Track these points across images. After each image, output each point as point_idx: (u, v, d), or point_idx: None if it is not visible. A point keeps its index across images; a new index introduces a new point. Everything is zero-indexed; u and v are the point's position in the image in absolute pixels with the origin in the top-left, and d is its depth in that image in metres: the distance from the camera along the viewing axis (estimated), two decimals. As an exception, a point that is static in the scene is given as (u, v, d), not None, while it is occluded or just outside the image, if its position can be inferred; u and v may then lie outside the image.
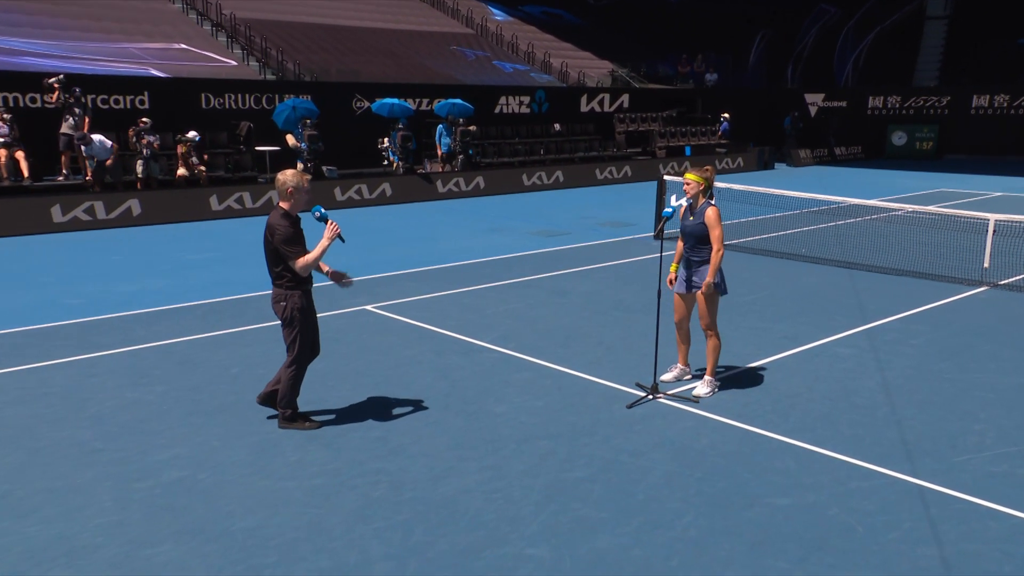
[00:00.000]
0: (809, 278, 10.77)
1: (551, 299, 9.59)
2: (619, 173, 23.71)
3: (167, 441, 5.52)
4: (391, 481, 4.99)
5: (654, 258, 12.16)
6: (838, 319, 8.72)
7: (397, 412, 6.09)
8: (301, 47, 24.34)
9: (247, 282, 10.32)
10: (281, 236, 5.42)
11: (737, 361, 7.30)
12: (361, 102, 21.66)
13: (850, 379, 6.82)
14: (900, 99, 31.96)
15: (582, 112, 27.21)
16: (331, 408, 6.14)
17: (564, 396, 6.46)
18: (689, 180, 6.34)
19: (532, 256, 12.29)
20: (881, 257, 11.77)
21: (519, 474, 5.10)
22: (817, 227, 14.62)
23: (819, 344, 7.83)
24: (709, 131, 28.46)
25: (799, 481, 4.98)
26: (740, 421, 5.95)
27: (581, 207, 18.07)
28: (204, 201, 15.83)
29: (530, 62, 30.33)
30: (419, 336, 8.03)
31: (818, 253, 12.19)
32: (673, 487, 4.95)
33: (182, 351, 7.49)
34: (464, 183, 19.83)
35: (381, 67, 24.72)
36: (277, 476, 5.03)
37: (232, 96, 19.57)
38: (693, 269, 6.41)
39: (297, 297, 5.55)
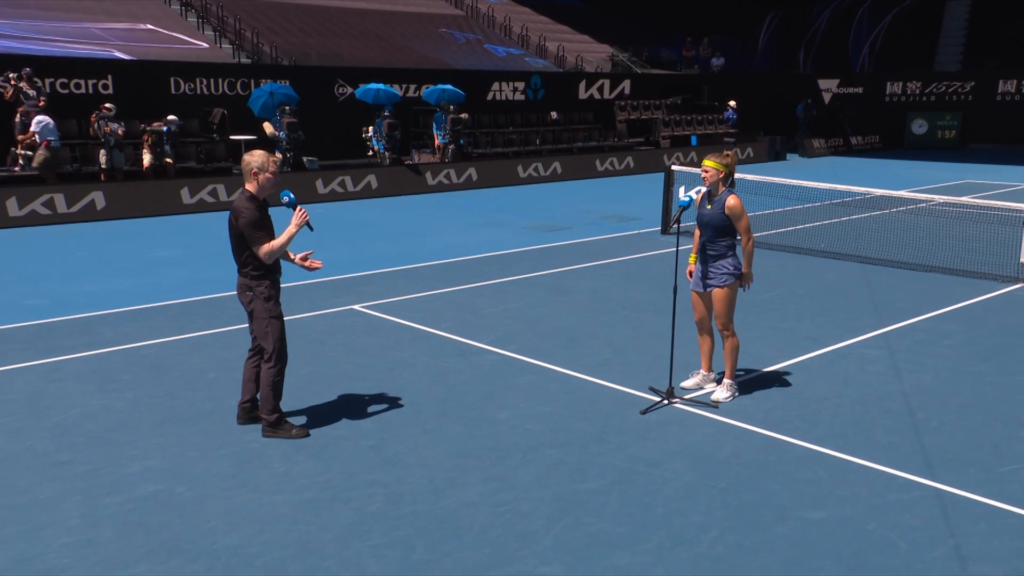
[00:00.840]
0: (829, 274, 10.72)
1: (553, 298, 9.51)
2: (620, 164, 23.67)
3: (140, 452, 5.40)
4: (387, 494, 4.88)
5: (662, 254, 12.09)
6: (864, 318, 8.67)
7: (391, 419, 5.99)
8: (278, 28, 24.20)
9: (222, 280, 10.18)
10: (246, 219, 5.38)
11: (756, 364, 7.24)
12: (344, 88, 21.54)
13: (881, 382, 6.76)
14: (920, 85, 32.03)
15: (580, 99, 27.18)
16: (319, 415, 6.03)
17: (572, 401, 6.38)
18: (708, 167, 6.26)
19: (530, 252, 12.21)
20: (907, 252, 11.74)
21: (527, 485, 5.01)
22: (835, 220, 14.59)
23: (845, 345, 7.77)
24: (716, 119, 28.46)
25: (832, 493, 4.91)
26: (764, 428, 5.87)
27: (581, 200, 18.01)
28: (174, 194, 15.68)
29: (524, 46, 30.28)
30: (412, 337, 7.93)
31: (838, 248, 12.15)
32: (695, 499, 4.86)
33: (153, 354, 7.37)
34: (455, 175, 19.73)
35: (365, 50, 24.62)
36: (262, 489, 4.91)
37: (204, 81, 19.43)
38: (709, 265, 6.33)
39: (264, 287, 5.50)
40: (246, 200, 5.45)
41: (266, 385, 5.57)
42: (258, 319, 5.53)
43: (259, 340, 5.60)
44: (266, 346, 5.55)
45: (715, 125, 28.32)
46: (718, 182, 6.27)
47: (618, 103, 27.03)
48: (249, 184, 5.50)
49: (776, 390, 6.62)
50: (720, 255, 6.27)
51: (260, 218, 5.42)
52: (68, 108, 17.06)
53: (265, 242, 5.40)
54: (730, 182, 6.31)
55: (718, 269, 6.26)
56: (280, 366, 5.60)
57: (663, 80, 30.34)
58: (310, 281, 10.07)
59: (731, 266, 6.25)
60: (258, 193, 5.50)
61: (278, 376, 5.60)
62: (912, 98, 32.23)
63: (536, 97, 26.06)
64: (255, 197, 5.49)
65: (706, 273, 6.35)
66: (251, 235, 5.38)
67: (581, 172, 22.41)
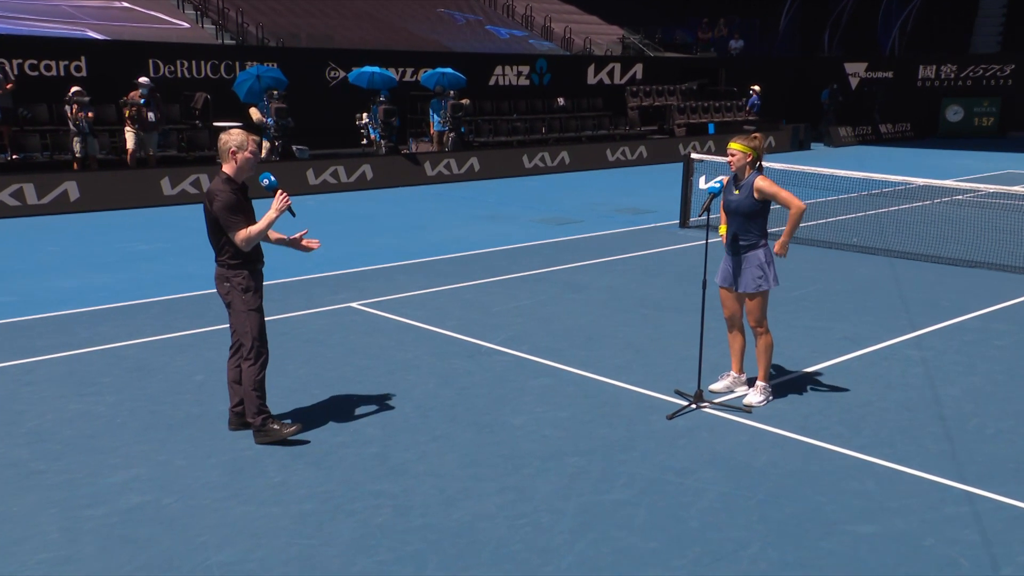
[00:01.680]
0: (864, 270, 10.64)
1: (566, 295, 9.42)
2: (633, 154, 23.58)
3: (123, 460, 5.31)
4: (395, 505, 4.79)
5: (681, 248, 12.00)
6: (905, 317, 8.57)
7: (396, 424, 5.89)
8: (265, 8, 24.13)
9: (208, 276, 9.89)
10: (222, 203, 5.30)
11: (791, 365, 7.15)
12: (336, 71, 21.46)
13: (929, 386, 6.66)
14: (956, 68, 31.91)
15: (589, 84, 27.10)
16: (317, 420, 5.93)
17: (592, 405, 6.29)
18: (734, 150, 6.15)
19: (540, 247, 12.12)
20: (949, 246, 11.65)
21: (547, 496, 4.92)
22: (869, 213, 14.50)
23: (886, 346, 7.68)
24: (735, 106, 28.38)
25: (883, 505, 4.81)
26: (803, 435, 5.78)
27: (591, 192, 17.93)
28: (154, 184, 15.59)
29: (528, 27, 30.20)
30: (416, 337, 7.84)
31: (873, 242, 12.06)
32: (732, 512, 4.76)
33: (135, 355, 7.28)
34: (456, 165, 19.65)
35: (358, 32, 24.55)
36: (258, 500, 4.81)
37: (185, 63, 19.34)
38: (741, 257, 6.22)
39: (242, 277, 5.43)
40: (222, 182, 5.38)
41: (248, 385, 5.48)
42: (236, 312, 5.46)
43: (237, 335, 5.51)
44: (244, 342, 5.47)
45: (734, 112, 28.24)
46: (745, 166, 6.17)
47: (629, 89, 26.95)
48: (226, 165, 5.43)
49: (814, 394, 6.53)
50: (751, 245, 6.16)
51: (237, 201, 5.34)
52: (38, 92, 16.98)
53: (242, 227, 5.32)
54: (758, 166, 6.20)
55: (750, 266, 6.15)
56: (261, 363, 5.50)
57: (678, 64, 30.25)
58: (304, 277, 9.98)
59: (764, 261, 6.15)
60: (236, 175, 5.42)
61: (260, 373, 5.51)
62: (947, 83, 32.12)
63: (542, 82, 25.98)
64: (232, 179, 5.42)
65: (737, 270, 6.25)
66: (227, 220, 5.30)
67: (590, 162, 22.32)
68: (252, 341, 5.47)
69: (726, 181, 6.35)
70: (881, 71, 32.76)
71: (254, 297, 5.49)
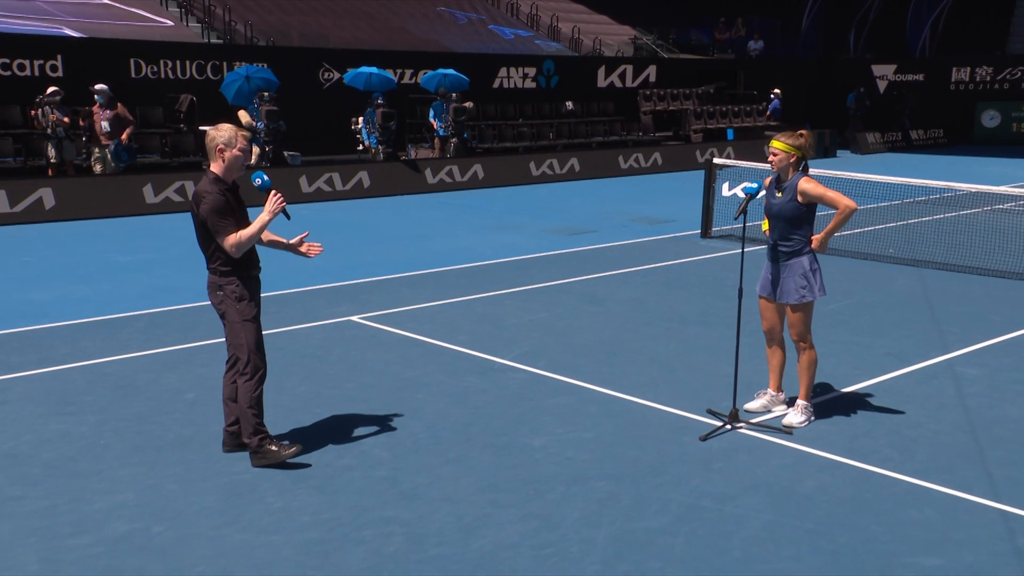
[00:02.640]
0: (903, 282, 10.53)
1: (584, 308, 9.31)
2: (647, 161, 23.54)
3: (108, 485, 5.18)
4: (408, 534, 4.65)
5: (705, 260, 11.90)
6: (953, 332, 8.46)
7: (406, 446, 5.77)
8: (253, 6, 24.16)
9: (196, 288, 9.93)
10: (210, 205, 5.18)
11: (831, 383, 7.04)
12: (330, 72, 21.46)
13: (986, 406, 6.54)
14: (992, 70, 31.93)
15: (599, 88, 27.11)
16: (319, 441, 5.81)
17: (618, 426, 6.17)
18: (777, 149, 6.04)
19: (553, 257, 12.03)
20: (996, 258, 11.54)
21: (575, 524, 4.79)
22: (907, 222, 14.40)
23: (934, 363, 7.56)
24: (755, 111, 28.39)
25: (947, 536, 4.67)
26: (851, 458, 5.65)
27: (604, 201, 17.87)
28: (135, 192, 15.52)
29: (534, 26, 30.26)
30: (423, 352, 7.72)
31: (911, 253, 11.96)
32: (780, 542, 4.63)
33: (119, 372, 7.17)
34: (459, 172, 19.59)
35: (353, 31, 24.58)
36: (257, 528, 4.68)
37: (169, 63, 19.33)
38: (781, 264, 6.11)
39: (236, 285, 5.32)
40: (210, 182, 5.27)
41: (244, 402, 5.35)
42: (230, 323, 5.34)
43: (232, 348, 5.39)
44: (239, 355, 5.35)
45: (754, 117, 28.24)
46: (788, 166, 6.05)
47: (642, 92, 26.96)
48: (214, 164, 5.32)
49: (860, 414, 6.40)
50: (794, 252, 6.05)
51: (226, 203, 5.23)
52: (10, 92, 16.95)
53: (232, 231, 5.20)
54: (803, 166, 6.10)
55: (793, 275, 6.03)
56: (258, 379, 5.38)
57: (693, 66, 30.28)
58: (300, 289, 9.88)
59: (809, 269, 6.03)
60: (224, 174, 5.31)
61: (256, 390, 5.39)
62: (982, 86, 32.14)
63: (549, 85, 25.98)
64: (221, 179, 5.30)
65: (778, 279, 6.13)
66: (215, 224, 5.19)
67: (602, 170, 22.27)
68: (248, 354, 5.36)
69: (768, 182, 6.25)
70: (911, 73, 32.78)
71: (249, 306, 5.38)
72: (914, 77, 32.67)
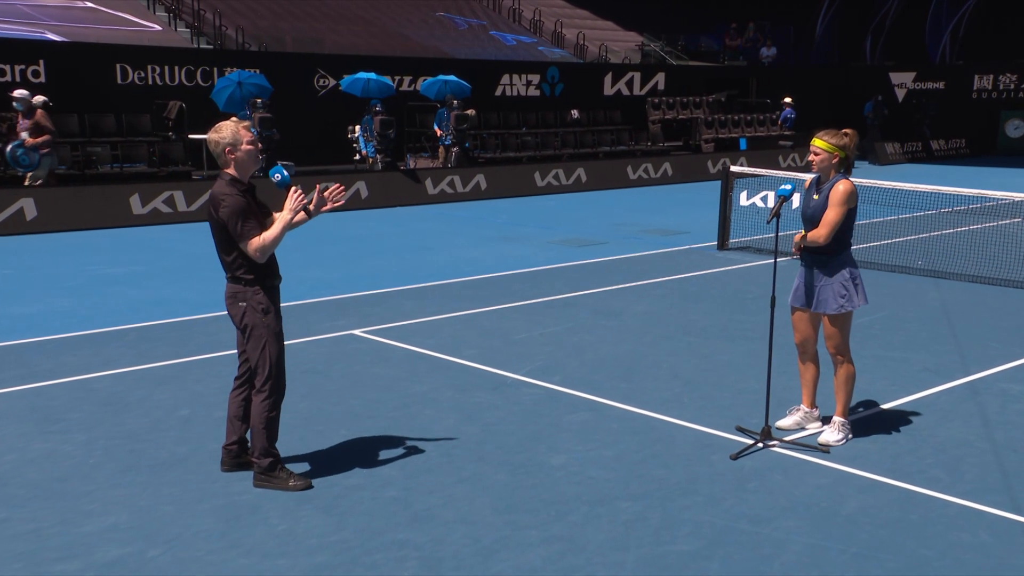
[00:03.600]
0: (935, 295, 10.43)
1: (598, 321, 9.20)
2: (656, 172, 23.50)
3: (99, 506, 5.04)
4: (423, 557, 4.52)
5: (723, 272, 11.79)
6: (993, 347, 8.34)
7: (416, 465, 5.64)
8: (245, 10, 24.19)
9: (188, 301, 9.88)
10: (229, 208, 5.05)
11: (869, 399, 6.91)
12: (326, 79, 21.43)
13: (1033, 422, 6.42)
14: (1016, 78, 31.94)
15: (606, 96, 27.11)
16: (324, 460, 5.68)
17: (641, 443, 6.04)
18: (819, 148, 5.92)
19: (562, 270, 11.92)
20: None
21: (600, 547, 4.65)
22: (936, 233, 14.31)
23: (976, 378, 7.44)
24: (768, 119, 28.38)
25: (1005, 562, 4.54)
26: (894, 478, 5.52)
27: (613, 212, 17.79)
28: (122, 202, 15.42)
29: (538, 33, 30.32)
30: (430, 367, 7.60)
31: (941, 266, 11.86)
32: (824, 566, 4.49)
33: (107, 388, 7.04)
34: (461, 183, 19.51)
35: (349, 36, 24.59)
36: (261, 552, 4.54)
37: (157, 69, 19.30)
38: (817, 272, 6.00)
39: (261, 296, 5.19)
40: (227, 184, 5.13)
41: (258, 421, 5.22)
42: (255, 336, 5.18)
43: (251, 363, 5.25)
44: (259, 371, 5.21)
45: (767, 126, 28.24)
46: (830, 167, 5.93)
47: (651, 100, 26.95)
48: (227, 167, 5.19)
49: (901, 432, 6.28)
50: (833, 258, 5.93)
51: (246, 206, 5.09)
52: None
53: (256, 234, 5.07)
54: (844, 167, 5.98)
55: (831, 283, 5.92)
56: (276, 398, 5.27)
57: (704, 73, 30.32)
58: (299, 302, 9.75)
59: (849, 277, 5.92)
60: (240, 174, 5.18)
61: (273, 410, 5.25)
62: (1006, 94, 32.15)
63: (553, 93, 25.97)
64: (238, 179, 5.17)
65: (813, 287, 6.01)
66: (237, 228, 5.06)
67: (610, 181, 22.21)
68: (269, 370, 5.20)
69: (807, 183, 6.14)
70: (931, 81, 32.80)
71: (276, 319, 5.25)
72: (934, 85, 32.68)
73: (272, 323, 5.21)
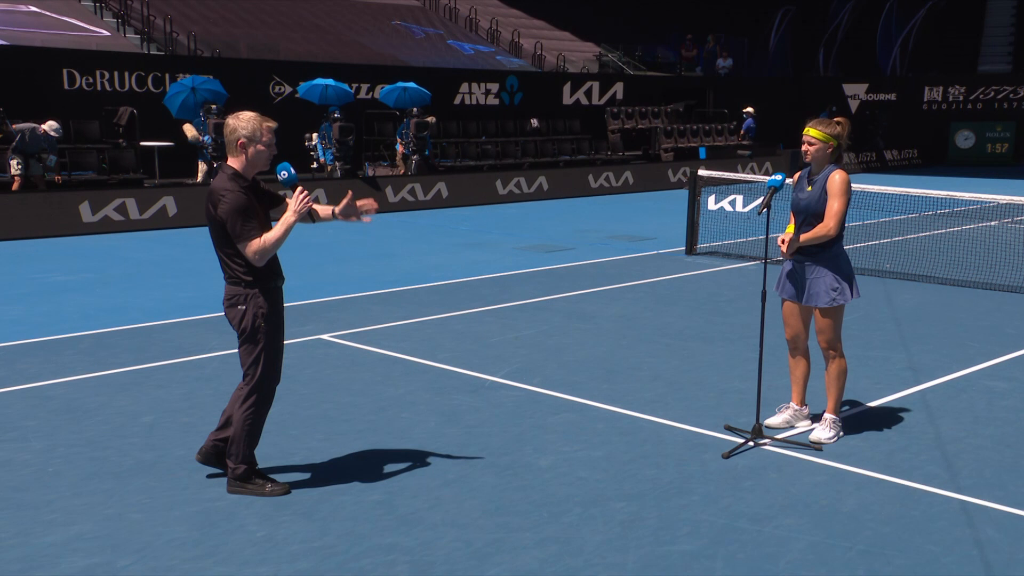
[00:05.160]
0: (908, 297, 10.42)
1: (572, 324, 9.03)
2: (618, 180, 23.48)
3: (61, 516, 4.74)
4: (413, 561, 4.29)
5: (694, 276, 11.70)
6: (972, 345, 8.32)
7: (397, 468, 5.41)
8: (197, 17, 23.75)
9: (147, 308, 9.54)
10: (229, 206, 4.73)
11: (855, 398, 6.82)
12: (282, 86, 21.09)
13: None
14: (964, 90, 32.54)
15: (565, 105, 27.08)
16: (299, 465, 5.43)
17: (630, 444, 5.87)
18: (813, 138, 5.80)
19: (532, 274, 11.75)
20: (1000, 272, 11.50)
21: (599, 548, 4.46)
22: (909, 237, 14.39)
23: (960, 376, 7.39)
24: (726, 129, 28.55)
25: (1014, 557, 4.43)
26: (891, 475, 5.41)
27: (578, 219, 17.69)
28: (71, 210, 14.96)
29: (495, 42, 30.21)
30: (404, 370, 7.37)
31: (911, 268, 11.89)
32: (831, 564, 4.35)
33: (64, 396, 6.70)
34: (422, 191, 19.28)
35: (304, 44, 24.25)
36: (239, 559, 4.28)
37: (106, 74, 18.85)
38: (808, 265, 5.88)
39: (262, 299, 4.89)
40: (229, 179, 4.81)
41: (240, 427, 4.93)
42: (250, 342, 4.87)
43: (242, 367, 4.95)
44: (251, 373, 4.92)
45: (725, 136, 28.40)
46: (825, 157, 5.83)
47: (610, 110, 26.96)
48: (233, 159, 4.88)
49: (892, 429, 6.18)
50: (825, 251, 5.82)
51: (248, 204, 4.77)
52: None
53: (256, 236, 4.75)
54: (837, 156, 5.88)
55: (823, 275, 5.80)
56: (262, 405, 4.96)
57: (662, 84, 30.43)
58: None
59: (839, 270, 5.82)
60: (245, 171, 4.87)
61: (256, 416, 4.96)
62: (955, 105, 32.72)
63: (512, 101, 25.87)
64: (241, 175, 4.86)
65: (804, 280, 5.90)
66: (236, 228, 4.73)
67: (572, 189, 22.14)
68: (259, 377, 4.91)
69: (796, 177, 6.03)
70: (883, 93, 33.29)
71: (276, 325, 4.95)
72: (886, 96, 33.18)
73: (271, 330, 4.91)
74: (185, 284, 10.89)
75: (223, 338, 8.10)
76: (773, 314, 6.87)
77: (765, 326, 6.03)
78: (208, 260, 11.58)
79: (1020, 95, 31.79)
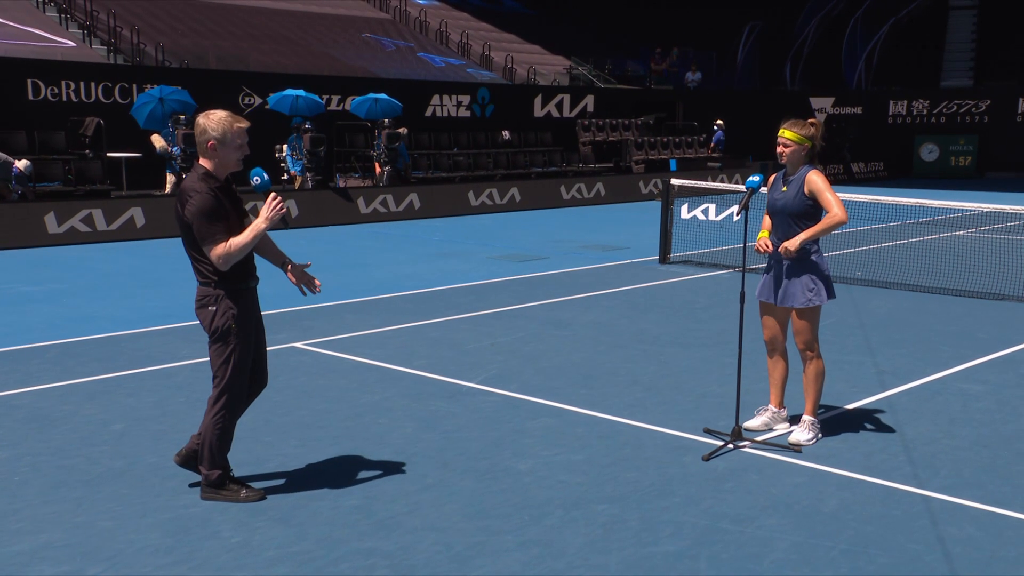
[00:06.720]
0: (879, 303, 10.48)
1: (548, 331, 8.99)
2: (590, 192, 23.52)
3: (28, 524, 4.61)
4: (393, 565, 4.21)
5: (668, 284, 11.71)
6: (944, 350, 8.37)
7: (374, 473, 5.32)
8: (164, 27, 23.57)
9: (115, 318, 9.38)
10: (196, 207, 4.60)
11: (831, 401, 6.81)
12: (251, 97, 20.94)
13: (1000, 422, 6.38)
14: (928, 104, 32.97)
15: (536, 117, 27.11)
16: (274, 471, 5.32)
17: (610, 447, 5.82)
18: (788, 140, 5.82)
19: (506, 283, 11.70)
20: (970, 279, 11.60)
21: (581, 550, 4.40)
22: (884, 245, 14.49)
23: (934, 379, 7.42)
24: (696, 142, 28.72)
25: (996, 554, 4.42)
26: (871, 475, 5.40)
27: (550, 229, 17.68)
28: (36, 221, 14.72)
29: (465, 55, 30.24)
30: (380, 377, 7.28)
31: (881, 275, 11.98)
32: (814, 563, 4.32)
33: (30, 404, 6.55)
34: (393, 202, 19.19)
35: (274, 55, 24.13)
36: (215, 566, 4.17)
37: (72, 85, 18.61)
38: (786, 266, 5.88)
39: (231, 299, 4.78)
40: (199, 179, 4.69)
41: (211, 433, 4.81)
42: (220, 344, 4.75)
43: (212, 370, 4.84)
44: (220, 376, 4.80)
45: (695, 148, 28.56)
46: (800, 158, 5.84)
47: (580, 122, 27.03)
48: (205, 159, 4.77)
49: (869, 431, 6.18)
50: (801, 252, 5.82)
51: (217, 205, 4.64)
52: None
53: (222, 240, 4.62)
54: (811, 157, 5.90)
55: (799, 277, 5.80)
56: (230, 407, 4.84)
57: (632, 97, 30.57)
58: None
59: (816, 271, 5.82)
60: (217, 171, 4.75)
61: (226, 419, 4.85)
62: (920, 119, 33.12)
63: (484, 114, 25.87)
64: (212, 175, 4.75)
65: (781, 281, 5.90)
66: (203, 229, 4.61)
67: (544, 200, 22.15)
68: (228, 381, 4.78)
69: (771, 179, 6.03)
70: (849, 106, 33.64)
71: (248, 325, 4.82)
72: (852, 110, 33.53)
73: (242, 331, 4.79)
74: (154, 294, 10.72)
75: (193, 347, 7.97)
76: (751, 318, 6.86)
77: (744, 330, 6.02)
78: (177, 271, 11.46)
79: (982, 109, 32.26)
